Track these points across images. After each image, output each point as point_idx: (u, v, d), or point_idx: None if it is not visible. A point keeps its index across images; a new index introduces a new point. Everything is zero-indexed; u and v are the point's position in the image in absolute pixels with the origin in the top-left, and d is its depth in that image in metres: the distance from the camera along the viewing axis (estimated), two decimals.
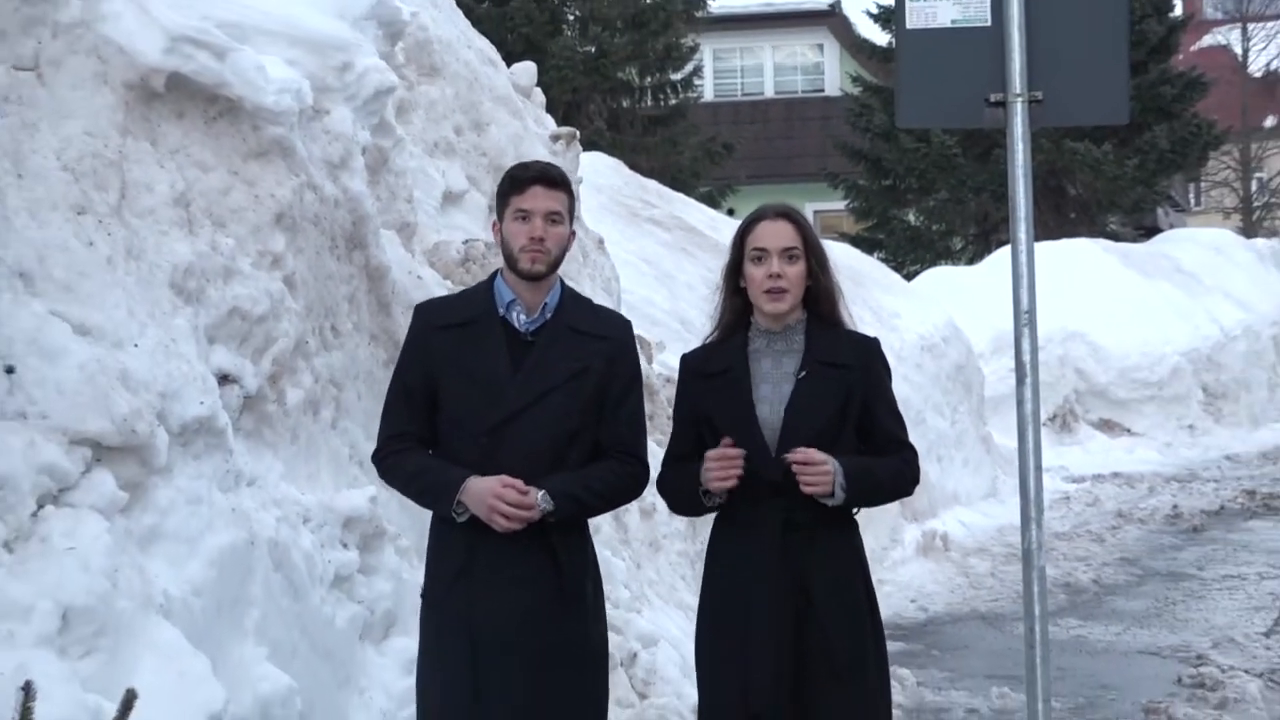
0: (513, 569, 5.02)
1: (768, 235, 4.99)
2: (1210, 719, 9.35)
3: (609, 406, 5.18)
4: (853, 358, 5.06)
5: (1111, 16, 6.70)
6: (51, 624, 5.39)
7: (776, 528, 4.89)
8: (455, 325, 5.20)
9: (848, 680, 4.89)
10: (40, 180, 6.20)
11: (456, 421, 5.15)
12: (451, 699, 5.06)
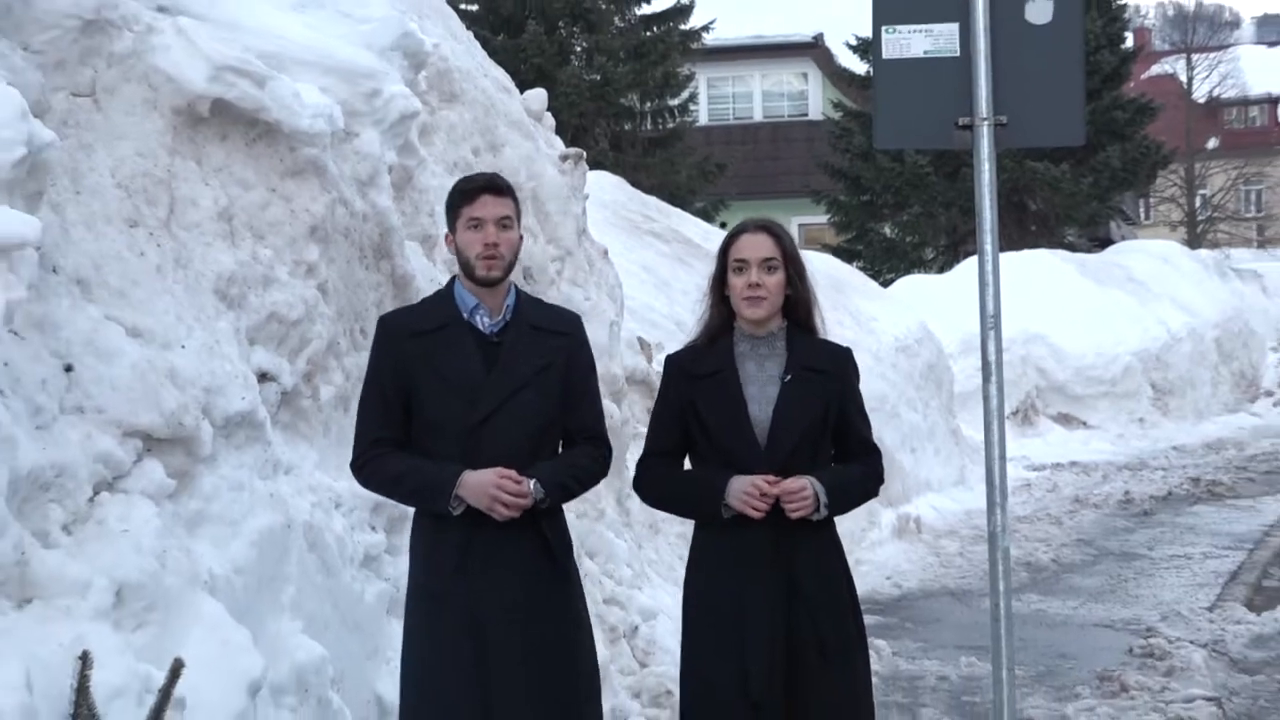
0: (510, 557, 4.94)
1: (748, 247, 4.97)
2: (1159, 686, 9.36)
3: (573, 396, 5.11)
4: (831, 365, 5.05)
5: (1068, 47, 6.70)
6: (107, 600, 5.40)
7: (767, 527, 4.84)
8: (426, 332, 5.08)
9: (835, 665, 4.87)
10: (96, 196, 6.21)
11: (434, 424, 5.04)
12: (448, 698, 4.97)
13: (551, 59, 31.79)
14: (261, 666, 5.57)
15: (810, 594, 4.85)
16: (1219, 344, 26.73)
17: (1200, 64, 57.11)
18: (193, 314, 6.27)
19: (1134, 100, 37.84)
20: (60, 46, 6.34)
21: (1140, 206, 46.35)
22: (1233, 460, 20.84)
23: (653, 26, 35.63)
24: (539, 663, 4.92)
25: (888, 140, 7.34)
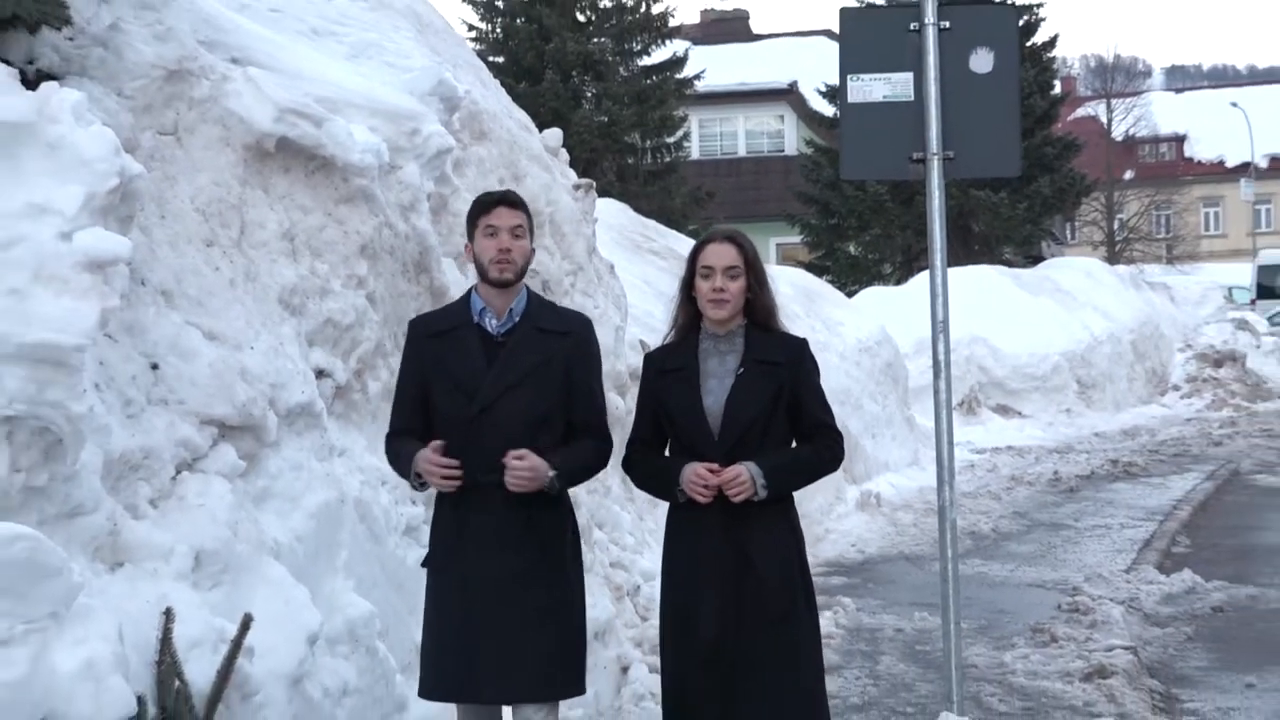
0: (499, 537, 4.79)
1: (714, 255, 4.84)
2: (1083, 637, 9.36)
3: (577, 392, 4.93)
4: (784, 356, 4.89)
5: (1006, 93, 6.70)
6: (186, 564, 5.40)
7: (718, 509, 4.72)
8: (440, 334, 4.97)
9: (779, 628, 4.74)
10: (178, 220, 6.21)
11: (443, 415, 4.90)
12: (447, 653, 4.86)
13: (566, 103, 31.88)
14: (318, 621, 5.58)
15: (760, 568, 4.73)
16: (1134, 345, 26.77)
17: (1118, 107, 57.14)
18: (260, 320, 6.27)
19: (1061, 138, 37.96)
20: (148, 92, 6.35)
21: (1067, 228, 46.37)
22: (1145, 445, 20.87)
23: (652, 76, 35.75)
24: (525, 616, 4.77)
25: (852, 172, 7.35)
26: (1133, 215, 53.21)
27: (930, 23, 6.54)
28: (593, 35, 35.14)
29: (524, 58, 33.71)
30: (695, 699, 4.68)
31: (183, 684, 4.98)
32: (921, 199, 6.72)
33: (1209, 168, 66.83)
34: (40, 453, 4.98)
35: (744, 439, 4.74)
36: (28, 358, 4.90)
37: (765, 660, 4.68)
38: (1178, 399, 26.42)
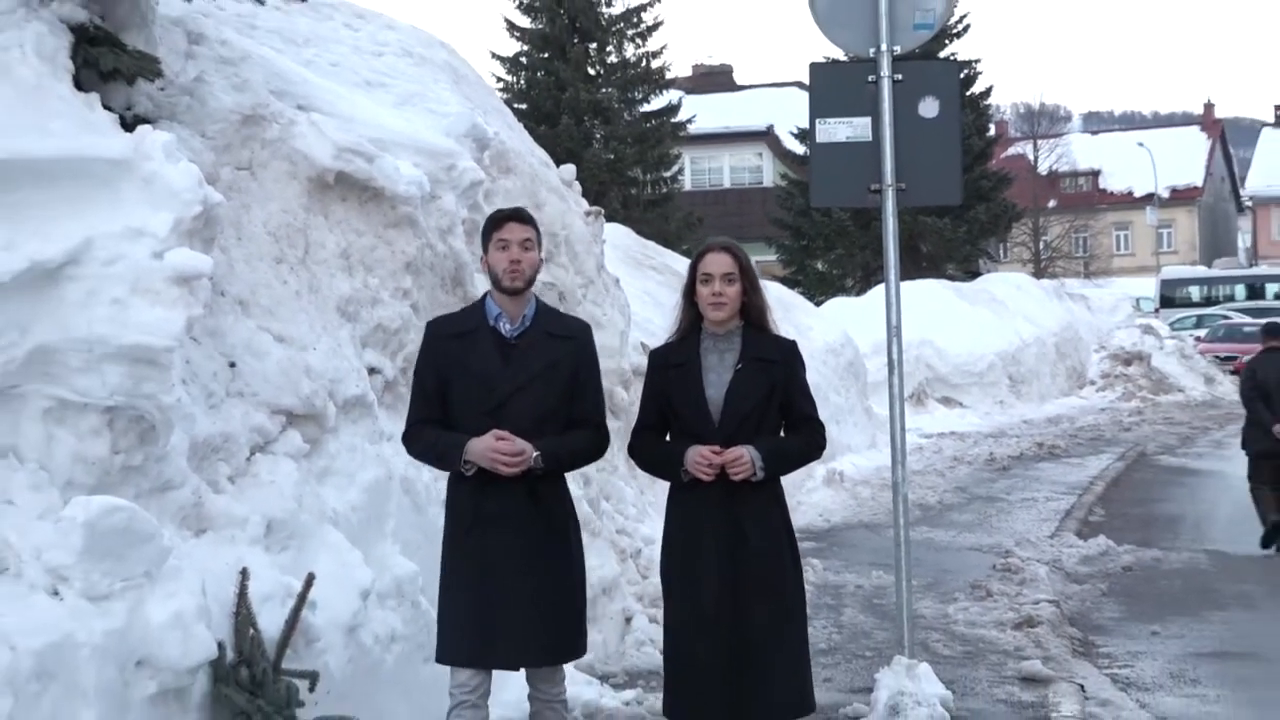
0: (511, 515, 4.59)
1: (712, 264, 4.71)
2: (1014, 592, 9.38)
3: (578, 389, 4.73)
4: (778, 355, 4.77)
5: (949, 134, 6.70)
6: (259, 530, 5.40)
7: (717, 488, 4.60)
8: (458, 335, 4.75)
9: (772, 597, 4.60)
10: (252, 241, 6.21)
11: (462, 407, 4.68)
12: (467, 623, 4.64)
13: (578, 143, 31.91)
14: (370, 578, 5.58)
15: (753, 541, 4.60)
16: (1057, 347, 26.78)
17: (1043, 147, 57.09)
18: (321, 325, 6.28)
19: (995, 173, 38.02)
20: (227, 134, 6.35)
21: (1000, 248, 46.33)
22: (1066, 430, 20.88)
23: (651, 120, 35.82)
24: (535, 588, 4.59)
25: (820, 201, 7.35)
26: (1055, 237, 53.22)
27: (885, 76, 6.54)
28: (601, 86, 35.19)
29: (543, 105, 33.78)
30: (699, 661, 4.55)
31: (256, 632, 4.98)
32: (878, 224, 6.72)
33: (1119, 198, 66.82)
34: (136, 437, 4.99)
35: (741, 427, 4.62)
36: (126, 357, 4.91)
37: (760, 627, 4.55)
38: (1093, 392, 26.43)
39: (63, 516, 4.67)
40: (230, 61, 6.63)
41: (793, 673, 4.56)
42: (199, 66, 6.49)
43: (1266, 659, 7.98)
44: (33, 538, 4.61)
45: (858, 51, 6.67)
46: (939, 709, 5.92)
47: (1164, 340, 29.54)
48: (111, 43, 6.00)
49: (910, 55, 6.68)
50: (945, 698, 6.08)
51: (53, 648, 4.39)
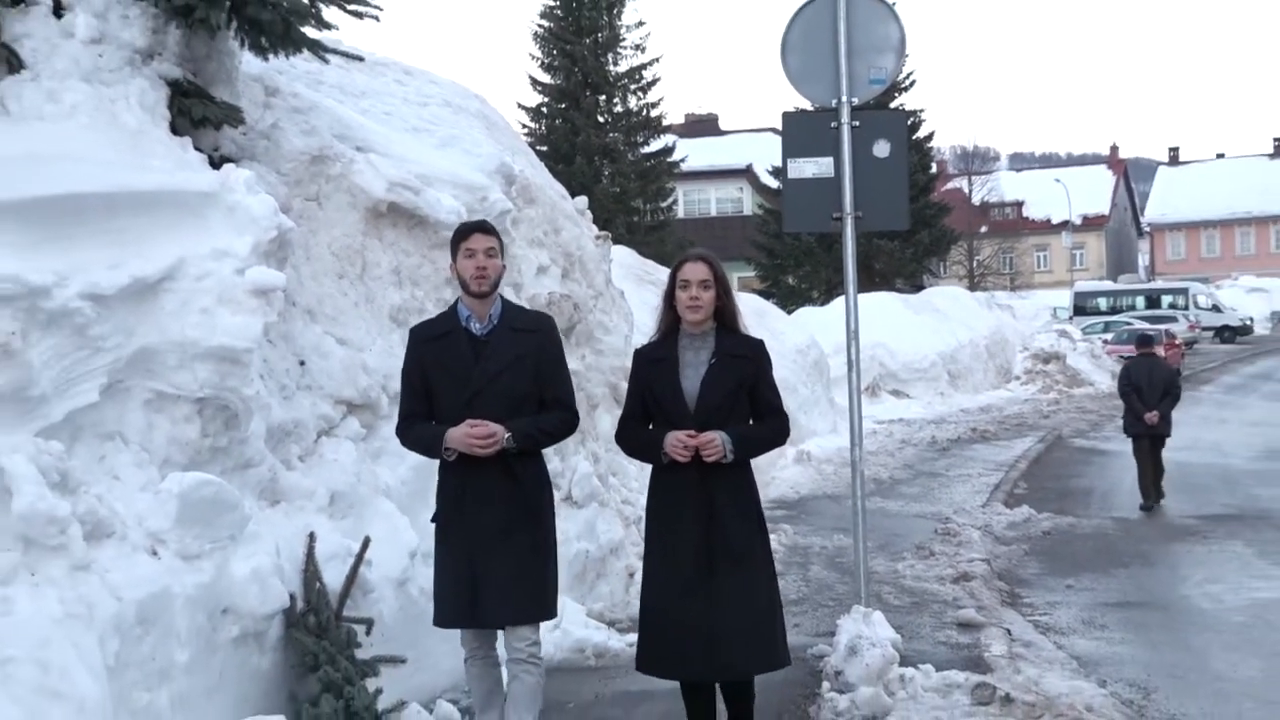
0: (492, 496, 4.37)
1: (690, 272, 4.50)
2: (952, 552, 9.39)
3: (546, 376, 4.47)
4: (748, 352, 4.57)
5: (898, 171, 6.69)
6: (324, 501, 5.41)
7: (693, 469, 4.35)
8: (435, 337, 4.51)
9: (741, 563, 4.37)
10: (319, 260, 6.21)
11: (443, 399, 4.44)
12: (459, 590, 4.41)
13: (590, 179, 31.92)
14: (416, 541, 5.58)
15: (725, 514, 4.38)
16: (987, 348, 26.77)
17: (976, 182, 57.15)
18: (375, 330, 6.27)
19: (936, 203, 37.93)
20: (298, 170, 6.35)
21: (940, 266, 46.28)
22: (995, 417, 20.87)
23: (650, 160, 35.85)
24: (513, 555, 4.36)
25: (791, 227, 7.32)
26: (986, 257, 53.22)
27: (845, 123, 6.53)
28: (608, 132, 35.21)
29: (560, 147, 33.77)
30: (679, 619, 4.35)
31: (321, 585, 4.99)
32: (839, 246, 6.71)
33: (1039, 224, 66.82)
34: (222, 423, 4.98)
35: (713, 415, 4.44)
36: (213, 356, 4.90)
37: (732, 592, 4.37)
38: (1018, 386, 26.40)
39: (161, 489, 4.67)
40: (301, 111, 6.63)
41: (762, 630, 4.38)
42: (274, 115, 6.49)
43: (1160, 607, 7.98)
44: (136, 507, 4.61)
45: (822, 102, 6.66)
46: (890, 650, 5.91)
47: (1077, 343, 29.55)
48: (202, 95, 6.01)
49: (866, 106, 6.67)
50: (895, 640, 6.07)
51: (152, 598, 4.38)
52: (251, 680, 4.71)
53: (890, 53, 6.61)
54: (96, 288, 4.74)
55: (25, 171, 5.02)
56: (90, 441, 4.70)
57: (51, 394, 4.55)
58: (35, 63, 5.59)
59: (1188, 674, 6.41)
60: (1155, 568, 9.23)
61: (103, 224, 4.94)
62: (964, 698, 5.59)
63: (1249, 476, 13.90)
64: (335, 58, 6.85)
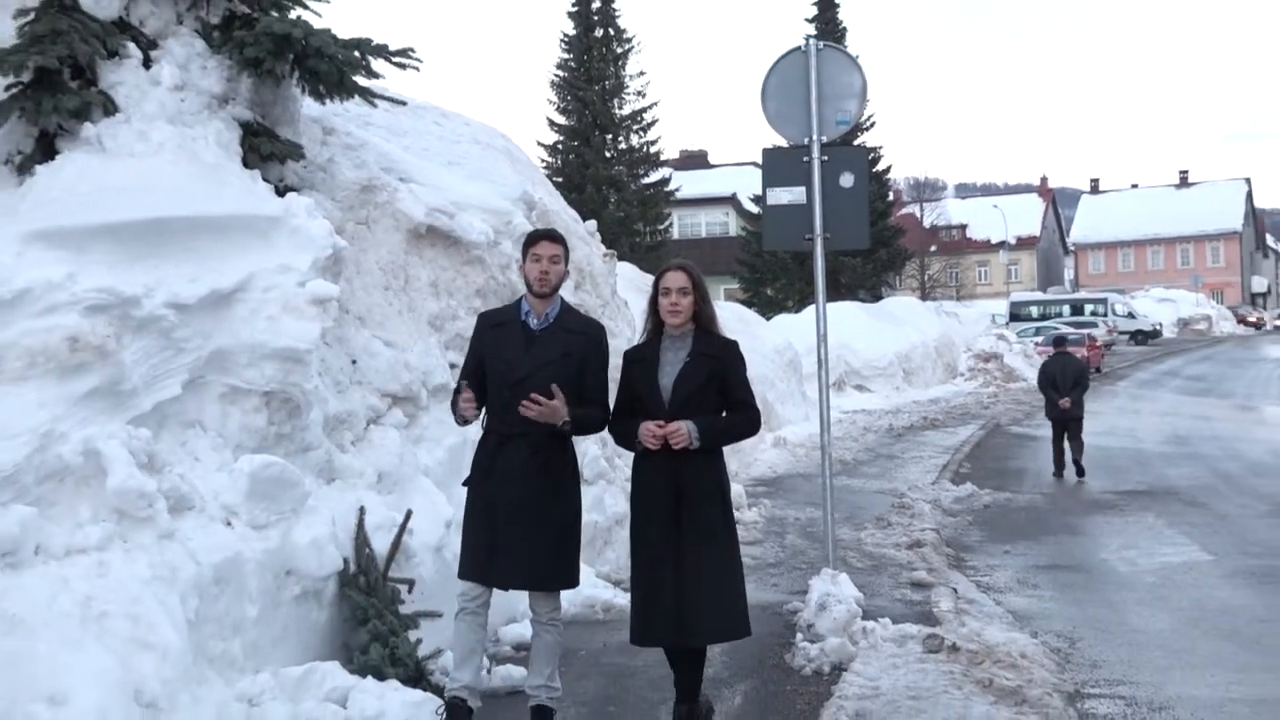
0: (519, 469, 4.19)
1: (670, 280, 4.32)
2: (906, 522, 9.36)
3: (589, 375, 4.30)
4: (719, 351, 4.30)
5: (860, 199, 6.68)
6: (373, 479, 5.39)
7: (665, 455, 4.14)
8: (497, 325, 4.38)
9: (707, 540, 4.15)
10: (368, 274, 6.20)
11: (492, 380, 4.28)
12: (477, 549, 4.24)
13: (599, 205, 31.86)
14: (451, 513, 5.55)
15: (691, 498, 4.14)
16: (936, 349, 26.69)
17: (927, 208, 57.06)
18: (416, 334, 6.26)
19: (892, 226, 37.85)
20: (350, 197, 6.34)
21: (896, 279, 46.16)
22: (943, 408, 20.82)
23: (649, 190, 35.78)
24: (531, 526, 4.19)
25: (770, 245, 7.31)
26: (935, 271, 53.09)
27: (816, 158, 6.52)
28: (614, 165, 35.17)
29: (573, 178, 33.74)
30: (654, 593, 4.14)
31: (370, 551, 4.98)
32: (811, 262, 6.69)
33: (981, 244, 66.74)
34: (286, 413, 4.98)
35: (685, 407, 4.21)
36: (278, 356, 4.90)
37: (698, 563, 4.13)
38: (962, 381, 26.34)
39: (234, 469, 4.67)
40: (352, 147, 6.62)
41: (725, 604, 4.18)
42: (330, 151, 6.48)
43: (1084, 569, 7.97)
44: (212, 484, 4.61)
45: (796, 140, 6.65)
46: (854, 605, 5.91)
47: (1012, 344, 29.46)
48: (269, 134, 6.00)
49: (833, 143, 6.66)
50: (858, 598, 6.06)
51: (227, 562, 4.38)
52: (311, 632, 4.70)
53: (854, 98, 6.60)
54: (179, 298, 4.75)
55: (119, 200, 5.03)
56: (174, 428, 4.70)
57: (141, 388, 4.55)
58: (127, 107, 5.59)
59: (1107, 627, 6.40)
60: (1079, 536, 9.22)
61: (185, 244, 4.95)
62: (917, 647, 5.58)
63: (1159, 458, 13.88)
64: (382, 103, 6.85)
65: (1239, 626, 6.32)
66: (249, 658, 4.37)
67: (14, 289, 4.36)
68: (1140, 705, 5.03)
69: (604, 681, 5.11)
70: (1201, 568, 7.86)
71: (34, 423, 4.15)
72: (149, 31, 5.86)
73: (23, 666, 3.58)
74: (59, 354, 4.32)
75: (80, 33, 5.48)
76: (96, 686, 3.62)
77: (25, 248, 4.63)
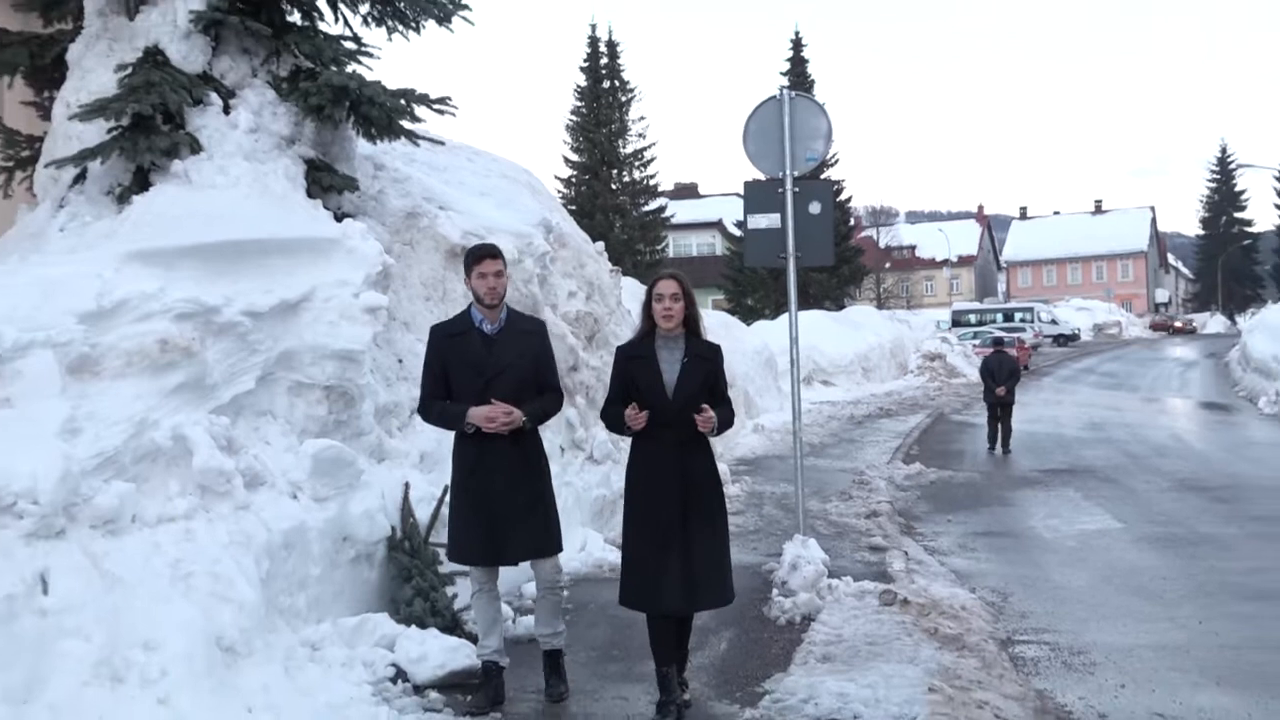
0: (502, 463, 4.01)
1: (663, 287, 4.10)
2: (865, 495, 9.34)
3: (542, 365, 4.12)
4: (710, 355, 4.15)
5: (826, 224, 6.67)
6: (416, 459, 5.38)
7: (672, 444, 3.94)
8: (453, 335, 4.12)
9: (709, 523, 3.97)
10: (411, 287, 6.19)
11: (460, 386, 4.05)
12: (477, 537, 4.03)
13: (606, 229, 31.69)
14: None
15: (695, 480, 3.97)
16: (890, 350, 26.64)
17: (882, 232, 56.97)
18: None
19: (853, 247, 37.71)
20: (396, 222, 6.33)
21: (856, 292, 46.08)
22: (895, 400, 20.75)
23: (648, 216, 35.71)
24: (522, 507, 4.02)
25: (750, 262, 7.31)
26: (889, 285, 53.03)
27: (789, 189, 6.51)
28: (619, 195, 35.14)
29: (585, 206, 33.70)
30: (656, 564, 3.93)
31: (414, 520, 4.98)
32: (785, 277, 6.69)
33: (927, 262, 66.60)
34: (343, 404, 4.98)
35: (688, 402, 4.03)
36: (337, 356, 4.90)
37: (703, 539, 3.99)
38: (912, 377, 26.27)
39: (299, 451, 4.67)
40: (399, 180, 6.62)
41: (719, 574, 4.05)
42: (380, 183, 6.48)
43: (1014, 535, 7.95)
44: (281, 464, 4.61)
45: (772, 174, 6.64)
46: (821, 566, 5.90)
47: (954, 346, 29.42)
48: (328, 169, 6.00)
49: (803, 177, 6.65)
50: (825, 559, 6.06)
51: (294, 530, 4.38)
52: (363, 587, 4.70)
53: (821, 139, 6.59)
54: (253, 307, 4.75)
55: (203, 224, 5.03)
56: (248, 417, 4.70)
57: (221, 383, 4.55)
58: (210, 146, 5.59)
59: (1034, 584, 6.38)
60: (1010, 507, 9.20)
61: (258, 261, 4.95)
62: (874, 600, 5.58)
63: (1077, 442, 13.86)
64: (424, 143, 6.85)
65: (1144, 583, 6.31)
66: (312, 610, 4.38)
67: (114, 299, 4.37)
68: (1062, 649, 5.02)
69: (610, 629, 5.10)
70: (1113, 534, 7.85)
71: (131, 412, 4.15)
72: (228, 83, 5.86)
73: (123, 618, 3.59)
74: (152, 354, 4.33)
75: (170, 84, 5.49)
76: (184, 634, 3.63)
77: (124, 265, 4.64)
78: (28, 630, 3.38)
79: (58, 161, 5.61)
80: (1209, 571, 6.56)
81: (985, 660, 4.69)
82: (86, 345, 4.20)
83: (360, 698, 3.98)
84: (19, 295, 4.27)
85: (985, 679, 4.43)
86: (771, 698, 4.22)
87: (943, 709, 4.02)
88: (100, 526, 3.82)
